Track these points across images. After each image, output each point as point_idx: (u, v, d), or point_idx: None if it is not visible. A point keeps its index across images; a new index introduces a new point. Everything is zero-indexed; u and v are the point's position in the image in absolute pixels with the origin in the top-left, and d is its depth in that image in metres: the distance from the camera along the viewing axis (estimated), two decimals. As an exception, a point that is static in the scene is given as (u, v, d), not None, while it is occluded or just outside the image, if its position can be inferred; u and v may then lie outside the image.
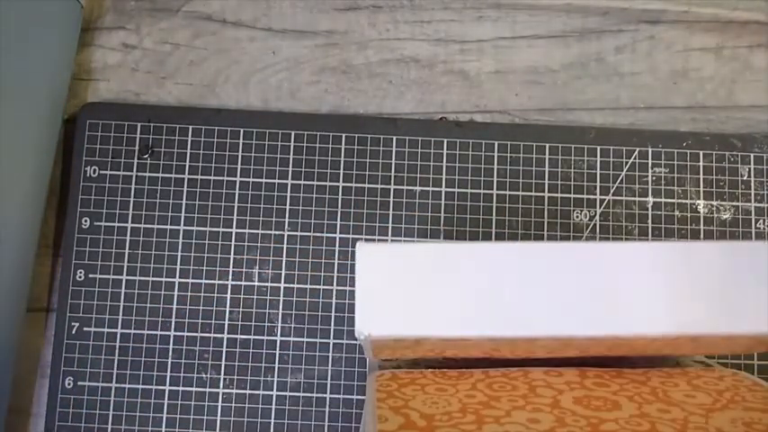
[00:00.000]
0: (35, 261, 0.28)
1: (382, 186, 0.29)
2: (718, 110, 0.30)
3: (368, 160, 0.29)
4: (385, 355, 0.19)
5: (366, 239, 0.29)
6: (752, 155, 0.29)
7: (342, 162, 0.29)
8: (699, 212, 0.29)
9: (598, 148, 0.29)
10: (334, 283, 0.28)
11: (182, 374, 0.28)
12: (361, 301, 0.17)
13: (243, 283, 0.28)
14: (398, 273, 0.17)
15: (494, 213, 0.29)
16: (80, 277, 0.28)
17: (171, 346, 0.28)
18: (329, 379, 0.28)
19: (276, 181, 0.29)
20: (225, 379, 0.28)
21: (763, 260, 0.16)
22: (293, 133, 0.29)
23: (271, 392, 0.28)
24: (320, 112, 0.30)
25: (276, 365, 0.28)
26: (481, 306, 0.17)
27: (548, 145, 0.29)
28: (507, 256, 0.17)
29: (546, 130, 0.29)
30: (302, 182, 0.29)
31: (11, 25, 0.26)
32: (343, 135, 0.29)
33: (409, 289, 0.17)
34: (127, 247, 0.29)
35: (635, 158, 0.29)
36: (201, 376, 0.28)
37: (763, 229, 0.29)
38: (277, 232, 0.29)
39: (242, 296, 0.28)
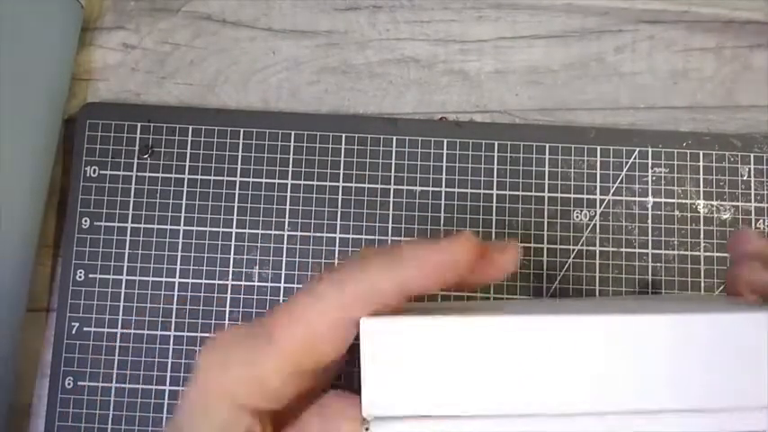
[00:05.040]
0: (35, 261, 0.28)
1: (382, 186, 0.29)
2: (718, 110, 0.30)
3: (368, 160, 0.29)
4: None
5: (367, 239, 0.29)
6: (752, 155, 0.29)
7: (342, 162, 0.29)
8: (699, 212, 0.29)
9: (598, 148, 0.29)
10: (334, 283, 0.28)
11: (182, 374, 0.28)
12: (367, 380, 0.16)
13: (243, 283, 0.28)
14: (408, 349, 0.16)
15: (494, 213, 0.29)
16: (80, 277, 0.28)
17: (171, 346, 0.28)
18: (329, 379, 0.28)
19: (276, 181, 0.29)
20: (225, 379, 0.28)
21: None
22: (293, 133, 0.29)
23: (271, 392, 0.28)
24: (320, 112, 0.30)
25: (276, 365, 0.28)
26: (496, 385, 0.16)
27: (548, 145, 0.29)
28: (513, 331, 0.16)
29: (546, 130, 0.29)
30: (302, 182, 0.29)
31: (11, 25, 0.26)
32: (343, 135, 0.29)
33: (419, 366, 0.16)
34: (127, 247, 0.29)
35: (635, 158, 0.29)
36: (201, 376, 0.28)
37: (763, 228, 0.29)
38: (277, 232, 0.29)
39: (242, 296, 0.28)
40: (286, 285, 0.28)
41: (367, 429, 0.16)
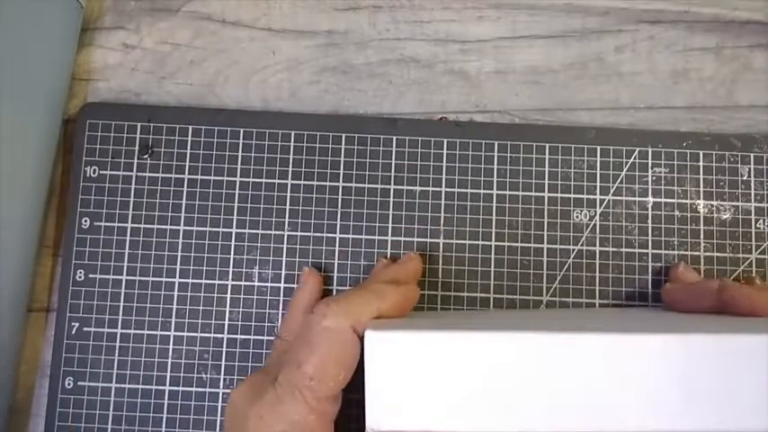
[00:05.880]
0: (35, 261, 0.28)
1: (382, 186, 0.29)
2: (718, 110, 0.30)
3: (368, 160, 0.29)
4: None
5: (367, 239, 0.29)
6: (752, 155, 0.29)
7: (342, 162, 0.29)
8: (699, 212, 0.29)
9: (598, 148, 0.29)
10: (334, 284, 0.28)
11: (182, 374, 0.28)
12: (372, 394, 0.16)
13: (243, 283, 0.28)
14: (411, 363, 0.16)
15: (494, 213, 0.29)
16: (80, 277, 0.28)
17: (171, 346, 0.28)
18: (329, 379, 0.28)
19: (276, 181, 0.29)
20: (225, 379, 0.28)
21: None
22: (293, 133, 0.29)
23: (271, 392, 0.28)
24: (320, 112, 0.30)
25: (276, 365, 0.28)
26: (499, 400, 0.16)
27: (548, 145, 0.29)
28: (514, 348, 0.16)
29: (546, 130, 0.29)
30: (302, 182, 0.29)
31: (11, 25, 0.26)
32: (343, 135, 0.29)
33: (423, 380, 0.16)
34: (127, 247, 0.29)
35: (635, 158, 0.29)
36: (201, 376, 0.28)
37: (763, 228, 0.29)
38: (277, 232, 0.29)
39: (242, 296, 0.28)
40: (286, 285, 0.28)
41: None
